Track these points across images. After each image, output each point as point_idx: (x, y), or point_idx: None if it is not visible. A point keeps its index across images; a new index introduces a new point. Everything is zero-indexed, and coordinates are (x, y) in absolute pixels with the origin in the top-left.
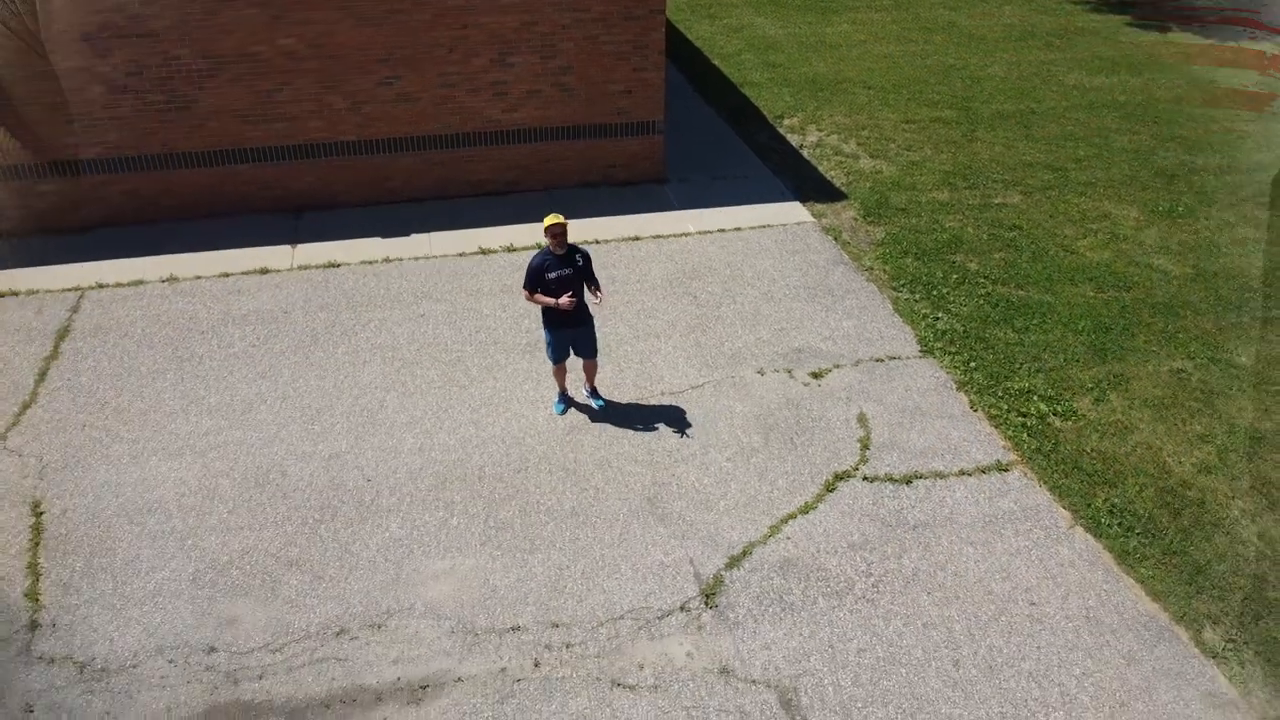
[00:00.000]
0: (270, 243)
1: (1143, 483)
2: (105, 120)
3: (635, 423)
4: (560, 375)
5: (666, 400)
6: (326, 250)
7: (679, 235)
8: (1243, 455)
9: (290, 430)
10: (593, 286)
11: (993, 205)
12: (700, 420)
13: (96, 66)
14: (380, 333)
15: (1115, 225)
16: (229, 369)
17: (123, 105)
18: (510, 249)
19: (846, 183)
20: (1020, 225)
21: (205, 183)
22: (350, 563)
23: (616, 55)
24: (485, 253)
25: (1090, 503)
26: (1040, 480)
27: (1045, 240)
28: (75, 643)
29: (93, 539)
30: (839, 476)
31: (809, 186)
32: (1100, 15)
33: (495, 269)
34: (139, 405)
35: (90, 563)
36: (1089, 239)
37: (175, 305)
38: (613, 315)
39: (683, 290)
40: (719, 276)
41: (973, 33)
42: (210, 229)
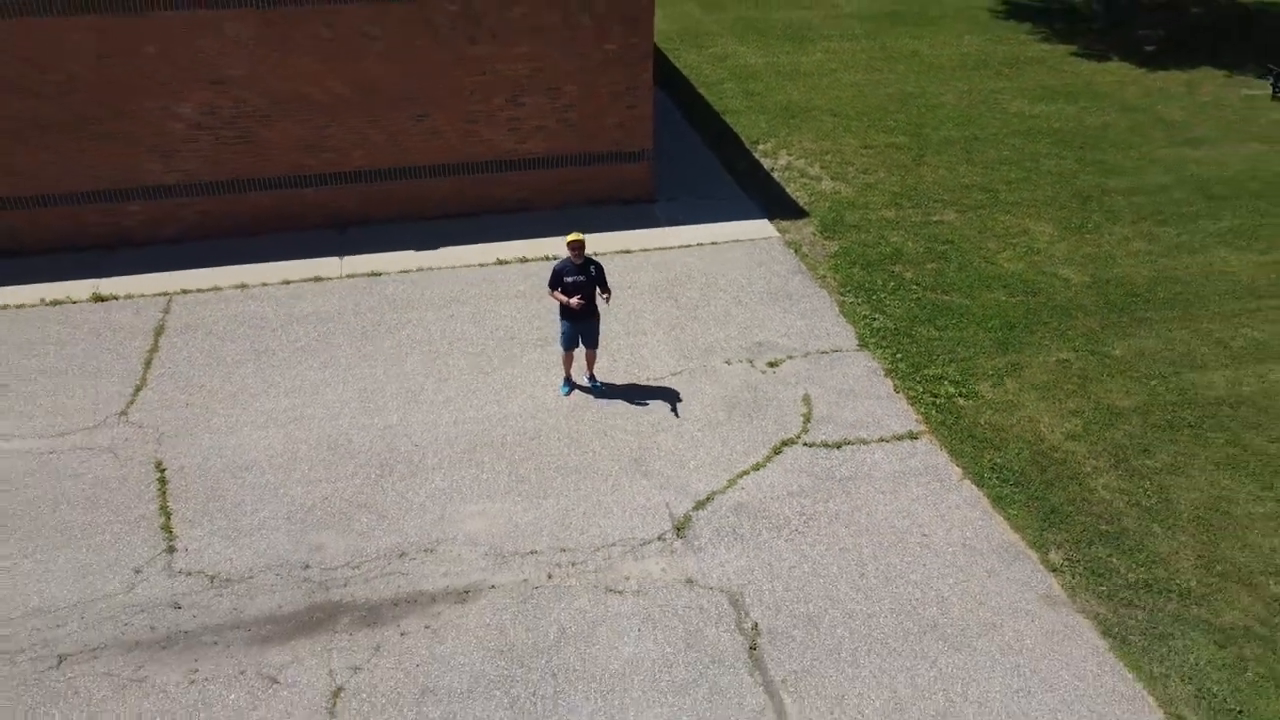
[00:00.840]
0: (321, 255)
1: (1020, 447)
2: (185, 152)
3: (625, 401)
4: (567, 362)
5: (651, 383)
6: (369, 261)
7: (664, 248)
8: (1102, 427)
9: (351, 407)
10: (603, 291)
11: (931, 222)
12: (677, 399)
13: (179, 109)
14: (418, 330)
15: (1032, 240)
16: (297, 359)
17: (200, 140)
18: (523, 260)
19: (809, 202)
20: (952, 240)
21: (267, 204)
22: (405, 506)
23: (612, 95)
24: (502, 263)
25: (978, 462)
26: (941, 445)
27: (971, 253)
28: (204, 561)
29: (206, 489)
30: (785, 443)
31: (776, 206)
32: (1049, 45)
33: (511, 277)
34: (228, 388)
35: (206, 506)
36: (1008, 252)
37: (247, 307)
38: (607, 315)
39: (666, 295)
40: (697, 284)
41: (933, 62)
42: (271, 243)
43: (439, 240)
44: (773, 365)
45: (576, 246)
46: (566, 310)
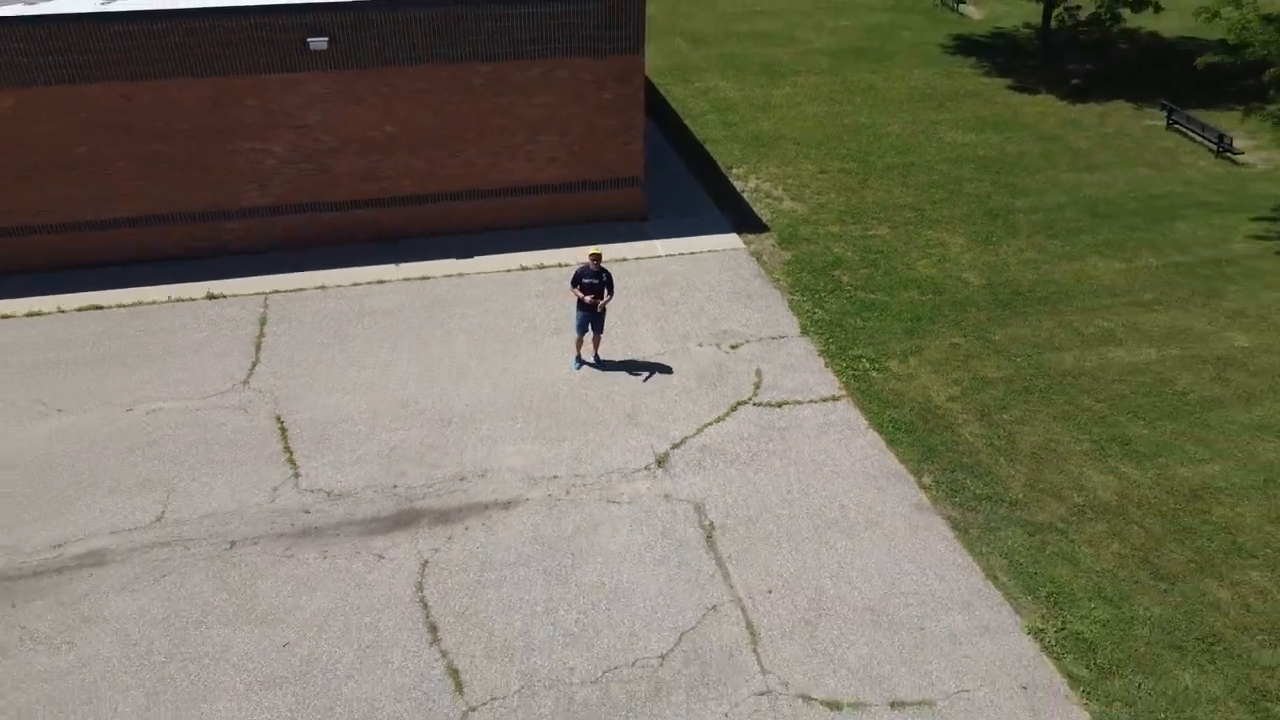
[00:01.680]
0: (380, 263)
1: (912, 406)
2: (274, 181)
3: (622, 373)
4: (579, 344)
5: (641, 360)
6: (419, 268)
7: (653, 258)
8: (975, 392)
9: (416, 378)
10: (609, 294)
11: (868, 236)
12: (660, 372)
13: (270, 148)
14: (462, 321)
15: (946, 250)
16: (370, 343)
17: (285, 172)
18: (541, 267)
19: (770, 219)
20: (882, 251)
21: (336, 222)
22: (462, 446)
23: (609, 133)
24: (524, 269)
25: (880, 416)
26: (855, 405)
27: (896, 261)
28: (321, 483)
29: (315, 435)
30: (739, 403)
31: (744, 222)
32: (988, 78)
33: (531, 280)
34: (321, 364)
35: (318, 446)
36: (925, 260)
37: (327, 304)
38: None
39: (653, 294)
40: (678, 286)
41: (885, 95)
42: (340, 253)
43: (472, 250)
44: (734, 347)
45: (596, 257)
46: (582, 304)
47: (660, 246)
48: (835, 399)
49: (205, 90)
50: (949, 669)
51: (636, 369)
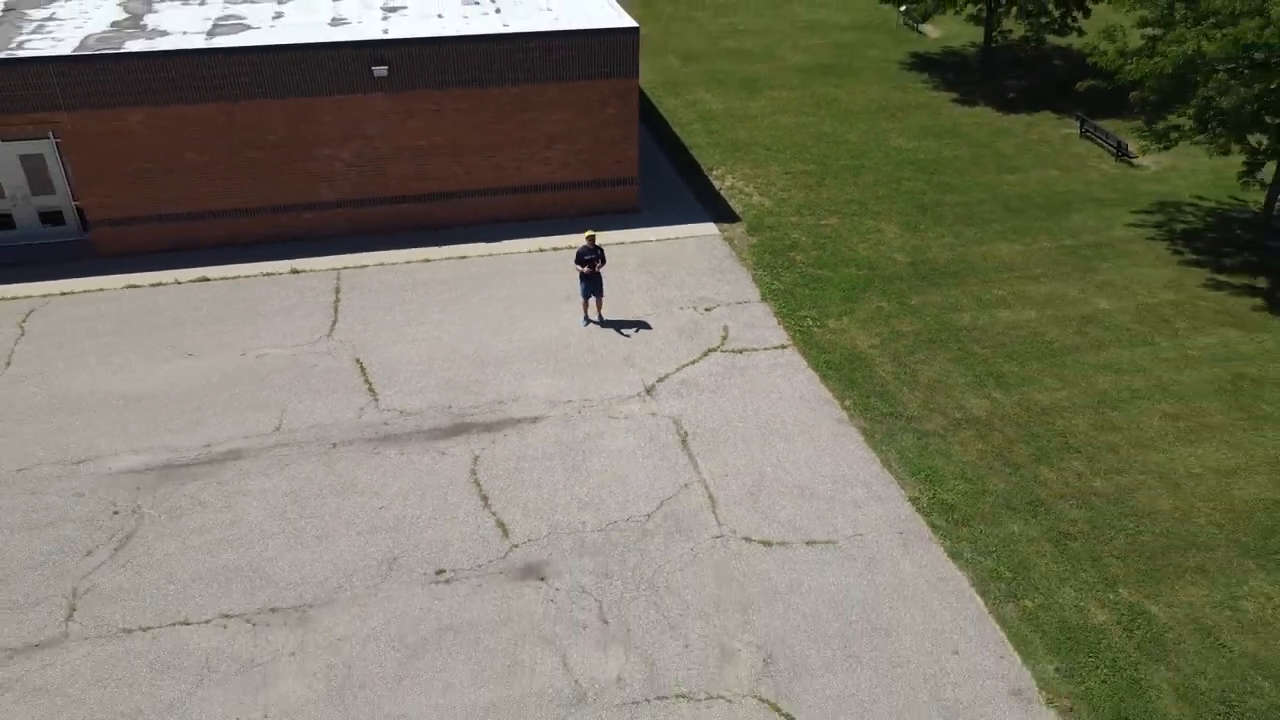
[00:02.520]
0: (426, 245)
1: (842, 352)
2: (341, 180)
3: (619, 330)
4: (585, 306)
5: (634, 319)
6: (459, 249)
7: (644, 242)
8: (891, 342)
9: (462, 334)
10: (602, 263)
11: (820, 225)
12: (649, 328)
13: (339, 154)
14: (497, 290)
15: (881, 236)
16: (424, 307)
17: (351, 173)
18: (555, 250)
19: (742, 211)
20: (830, 236)
21: (390, 213)
22: (499, 381)
23: (611, 142)
24: (541, 251)
25: (817, 360)
26: (799, 352)
27: (841, 245)
28: (395, 405)
29: (386, 373)
30: (710, 350)
31: (720, 214)
32: (937, 92)
33: (547, 259)
34: (387, 322)
35: (390, 380)
36: (865, 244)
37: (386, 278)
38: (609, 282)
39: (645, 270)
40: (666, 263)
41: (847, 107)
42: (394, 238)
43: (500, 236)
44: (708, 310)
45: (591, 238)
46: (583, 275)
47: (650, 233)
48: (784, 347)
49: (286, 108)
50: (849, 522)
51: (631, 326)
